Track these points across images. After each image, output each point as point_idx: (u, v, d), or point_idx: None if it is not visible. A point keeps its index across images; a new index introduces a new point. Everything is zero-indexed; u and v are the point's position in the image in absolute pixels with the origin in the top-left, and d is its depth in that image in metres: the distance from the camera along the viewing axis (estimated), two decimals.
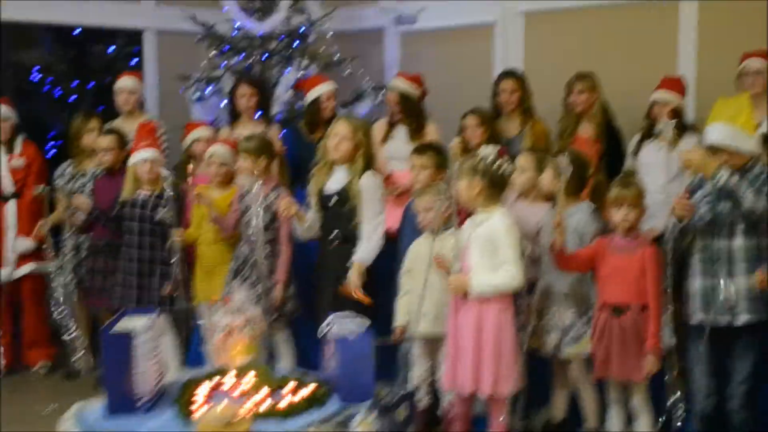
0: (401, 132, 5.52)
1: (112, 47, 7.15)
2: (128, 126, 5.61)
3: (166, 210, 4.85)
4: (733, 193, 3.45)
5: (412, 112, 5.52)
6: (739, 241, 3.55)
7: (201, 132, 5.55)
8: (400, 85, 5.57)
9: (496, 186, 3.86)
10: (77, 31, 7.01)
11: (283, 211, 4.47)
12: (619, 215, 3.77)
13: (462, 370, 3.85)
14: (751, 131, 3.62)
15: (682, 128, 4.86)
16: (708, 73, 5.51)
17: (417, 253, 4.31)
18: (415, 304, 4.22)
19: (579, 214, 4.05)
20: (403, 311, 4.33)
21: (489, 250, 3.79)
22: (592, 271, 3.96)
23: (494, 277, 3.76)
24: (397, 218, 4.82)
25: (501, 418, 3.91)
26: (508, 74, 5.51)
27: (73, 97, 7.01)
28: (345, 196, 4.45)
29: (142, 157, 4.95)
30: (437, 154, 4.56)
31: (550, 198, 4.29)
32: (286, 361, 4.70)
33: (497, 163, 3.86)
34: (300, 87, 6.03)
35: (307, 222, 4.52)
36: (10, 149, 5.59)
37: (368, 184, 4.43)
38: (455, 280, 3.84)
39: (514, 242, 3.79)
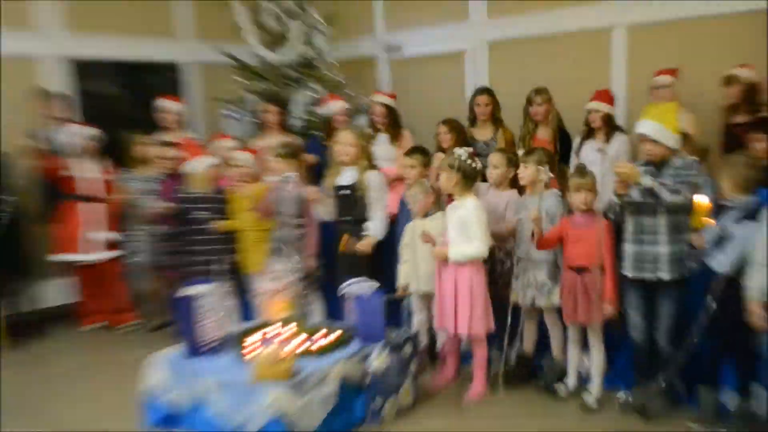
0: (382, 138, 5.65)
1: (161, 76, 7.31)
2: (170, 139, 5.77)
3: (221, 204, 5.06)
4: (654, 192, 3.63)
5: (394, 122, 5.69)
6: (661, 219, 3.70)
7: (225, 142, 5.65)
8: (386, 99, 5.72)
9: (468, 178, 4.11)
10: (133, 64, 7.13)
11: (311, 197, 4.67)
12: (578, 198, 3.93)
13: (446, 315, 4.15)
14: (674, 131, 3.73)
15: (614, 129, 4.98)
16: (636, 86, 5.55)
17: (412, 231, 4.53)
18: (412, 269, 4.51)
19: (550, 200, 4.18)
20: (403, 275, 4.59)
21: (462, 228, 4.06)
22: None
23: (465, 248, 4.04)
24: (394, 204, 5.01)
25: (481, 352, 4.21)
26: (483, 90, 5.52)
27: (131, 117, 7.19)
28: (355, 189, 4.66)
29: (209, 162, 5.11)
30: (423, 155, 4.75)
31: (515, 186, 4.49)
32: (316, 315, 4.89)
33: (469, 161, 4.11)
34: (321, 103, 6.13)
35: (327, 206, 4.75)
36: (92, 161, 5.71)
37: (375, 179, 4.65)
38: (437, 251, 4.14)
39: (482, 223, 4.04)
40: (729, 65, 4.90)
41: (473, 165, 4.14)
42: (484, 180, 4.60)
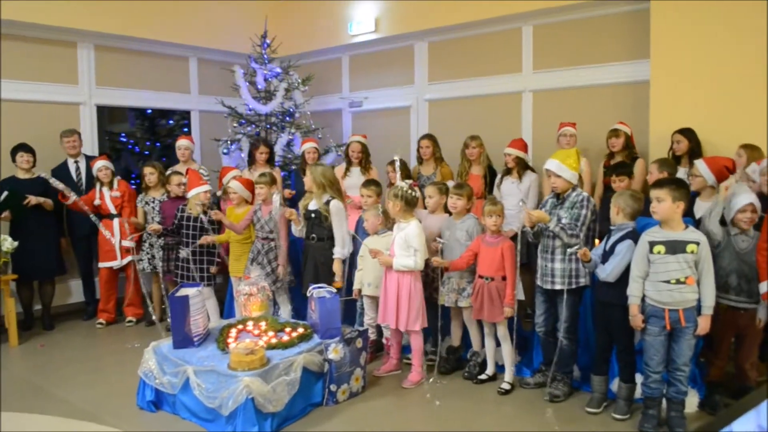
0: (355, 170, 5.41)
1: (171, 121, 6.93)
2: (183, 170, 5.40)
3: (209, 220, 4.67)
4: (557, 234, 3.44)
5: (366, 157, 5.45)
6: (557, 242, 3.49)
7: (234, 173, 5.24)
8: (361, 139, 5.47)
9: (409, 205, 3.87)
10: (149, 111, 6.77)
11: (289, 216, 4.35)
12: (490, 221, 3.74)
13: (388, 313, 3.86)
14: (573, 170, 3.51)
15: (525, 168, 4.81)
16: (538, 135, 5.45)
17: (366, 246, 4.18)
18: (365, 277, 4.18)
19: (469, 221, 3.98)
20: (358, 281, 4.25)
21: (404, 244, 3.80)
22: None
23: (407, 261, 3.77)
24: (352, 224, 4.72)
25: (417, 344, 3.89)
26: (424, 136, 5.35)
27: (146, 152, 6.80)
28: (320, 213, 4.32)
29: (204, 188, 4.74)
30: (377, 187, 4.45)
31: (446, 211, 4.21)
32: (285, 313, 4.58)
33: (409, 190, 3.87)
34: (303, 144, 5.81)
35: (300, 225, 4.41)
36: (110, 187, 5.33)
37: (335, 207, 4.29)
38: (384, 260, 3.84)
39: (420, 241, 3.79)
40: (609, 122, 4.79)
41: (413, 194, 3.89)
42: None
